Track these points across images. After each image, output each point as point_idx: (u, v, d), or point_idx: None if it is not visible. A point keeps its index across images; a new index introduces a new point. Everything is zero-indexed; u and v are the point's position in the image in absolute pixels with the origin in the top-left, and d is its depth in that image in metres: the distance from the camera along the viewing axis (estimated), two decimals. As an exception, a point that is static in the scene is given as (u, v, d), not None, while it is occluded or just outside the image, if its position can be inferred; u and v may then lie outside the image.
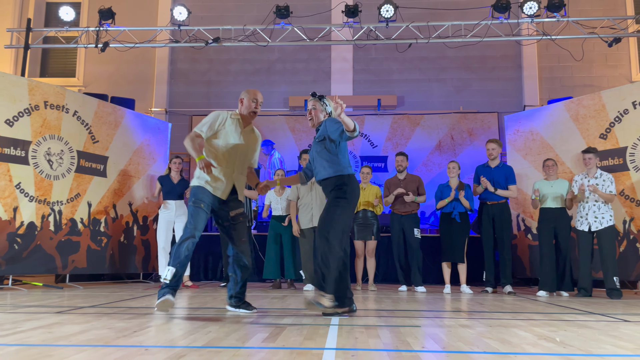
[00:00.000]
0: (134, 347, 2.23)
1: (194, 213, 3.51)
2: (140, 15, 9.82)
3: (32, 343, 2.30)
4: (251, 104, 3.74)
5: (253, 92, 3.79)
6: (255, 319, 3.28)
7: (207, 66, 10.10)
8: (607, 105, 6.27)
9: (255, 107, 3.75)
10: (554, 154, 6.66)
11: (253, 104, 3.74)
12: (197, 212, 3.51)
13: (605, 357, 2.12)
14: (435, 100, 9.68)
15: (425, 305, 4.27)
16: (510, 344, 2.41)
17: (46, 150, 5.98)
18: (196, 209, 3.52)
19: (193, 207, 3.53)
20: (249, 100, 3.74)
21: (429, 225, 8.62)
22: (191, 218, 3.50)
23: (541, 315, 3.61)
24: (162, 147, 7.62)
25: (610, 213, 5.41)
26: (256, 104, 3.76)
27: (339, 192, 3.44)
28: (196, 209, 3.52)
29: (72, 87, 9.59)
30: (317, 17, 8.93)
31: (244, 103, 3.76)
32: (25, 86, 5.86)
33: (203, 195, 3.56)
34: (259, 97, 3.79)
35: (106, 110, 6.77)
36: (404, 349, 2.26)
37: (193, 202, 3.54)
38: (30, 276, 6.18)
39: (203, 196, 3.56)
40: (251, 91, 3.80)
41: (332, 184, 3.48)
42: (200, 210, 3.52)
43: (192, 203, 3.54)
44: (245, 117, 3.76)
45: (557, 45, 8.55)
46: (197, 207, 3.52)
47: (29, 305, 3.95)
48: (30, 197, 5.78)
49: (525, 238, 6.93)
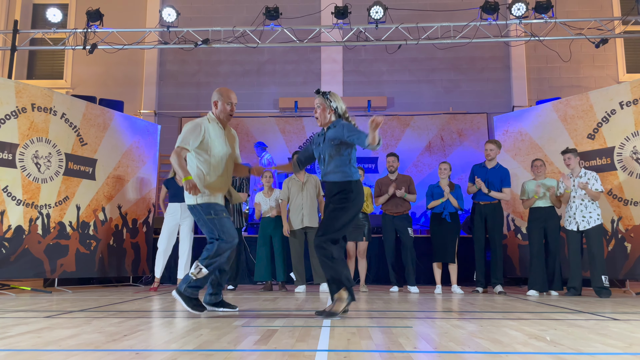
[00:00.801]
0: (124, 352, 2.21)
1: (221, 223, 3.50)
2: (128, 17, 9.76)
3: (21, 348, 2.27)
4: (226, 108, 3.65)
5: (226, 93, 3.66)
6: (246, 321, 3.27)
7: (197, 68, 10.07)
8: (594, 106, 6.34)
9: (230, 111, 3.67)
10: (542, 154, 6.71)
11: (228, 107, 3.65)
12: (222, 222, 3.51)
13: (595, 356, 2.14)
14: (424, 101, 9.73)
15: (416, 306, 4.28)
16: (501, 343, 2.42)
17: (34, 153, 5.92)
18: (220, 219, 3.51)
19: (217, 219, 3.51)
20: (223, 104, 3.64)
21: (420, 225, 8.65)
22: (221, 227, 3.49)
23: (531, 315, 3.63)
24: (152, 150, 7.57)
25: (597, 212, 5.46)
26: (231, 107, 3.67)
27: (344, 198, 3.41)
28: (220, 220, 3.51)
29: (60, 89, 9.51)
30: (307, 18, 8.93)
31: (219, 106, 3.66)
32: (12, 88, 5.80)
33: (216, 206, 3.56)
34: (233, 99, 3.68)
35: (94, 112, 6.72)
36: (396, 350, 2.26)
37: (214, 213, 3.51)
38: (18, 280, 6.11)
39: (217, 206, 3.56)
40: (224, 92, 3.66)
41: (339, 188, 3.45)
42: (225, 219, 3.53)
43: (212, 215, 3.50)
44: (222, 120, 3.68)
45: (545, 47, 8.63)
46: (220, 217, 3.52)
47: (17, 309, 3.90)
48: (17, 201, 5.72)
49: (515, 238, 6.98)
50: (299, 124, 9.60)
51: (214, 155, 3.59)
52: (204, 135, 3.56)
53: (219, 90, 3.70)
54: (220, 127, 3.66)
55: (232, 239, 3.51)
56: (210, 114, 3.70)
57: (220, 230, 3.49)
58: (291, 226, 6.11)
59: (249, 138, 9.41)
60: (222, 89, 3.71)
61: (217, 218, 3.50)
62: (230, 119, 3.68)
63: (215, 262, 3.49)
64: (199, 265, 3.46)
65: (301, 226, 6.04)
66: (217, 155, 3.59)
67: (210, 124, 3.62)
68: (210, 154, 3.58)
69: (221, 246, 3.48)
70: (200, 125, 3.58)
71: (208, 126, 3.61)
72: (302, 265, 6.16)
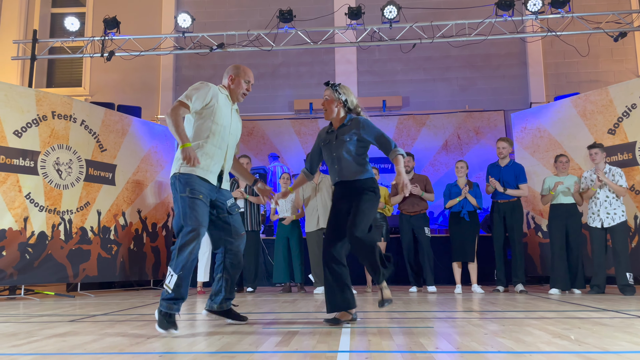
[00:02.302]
0: (148, 354, 2.24)
1: (192, 205, 2.91)
2: (144, 24, 9.88)
3: (47, 352, 2.31)
4: (242, 85, 3.29)
5: (244, 71, 3.31)
6: (267, 323, 3.28)
7: (212, 72, 10.14)
8: (614, 100, 6.23)
9: (246, 89, 3.32)
10: (562, 151, 6.62)
11: (245, 85, 3.30)
12: (195, 204, 2.92)
13: (622, 354, 2.11)
14: (440, 100, 9.66)
15: (437, 306, 4.25)
16: (524, 342, 2.39)
17: (55, 160, 6.02)
18: (193, 200, 2.92)
19: (189, 199, 2.91)
20: (241, 80, 3.28)
21: (438, 225, 8.60)
22: (190, 211, 2.89)
23: (554, 314, 3.59)
24: (170, 154, 7.65)
25: (622, 209, 5.37)
26: (248, 86, 3.32)
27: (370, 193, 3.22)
28: (193, 201, 2.92)
29: (79, 96, 9.66)
30: (321, 20, 8.94)
31: (235, 82, 3.27)
32: (32, 97, 5.91)
33: (199, 185, 2.98)
34: (252, 78, 3.35)
35: (113, 118, 6.82)
36: (417, 350, 2.25)
37: (189, 192, 2.93)
38: (42, 285, 6.22)
39: (199, 186, 2.97)
40: (243, 69, 3.32)
41: (363, 185, 3.22)
42: (200, 202, 2.95)
43: (186, 194, 2.92)
44: (234, 96, 3.29)
45: (562, 42, 8.52)
46: (194, 198, 2.93)
47: (42, 314, 3.97)
48: (40, 207, 5.82)
49: (535, 236, 6.89)
50: (314, 125, 9.61)
51: (217, 122, 3.09)
52: (212, 100, 3.09)
53: (237, 66, 3.34)
54: (230, 101, 3.26)
55: (198, 226, 2.89)
56: (221, 87, 3.27)
57: (186, 214, 2.90)
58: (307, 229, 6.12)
59: (265, 141, 9.45)
60: (239, 65, 3.35)
61: (190, 198, 2.92)
62: (242, 99, 3.32)
63: (182, 261, 2.85)
64: (169, 269, 2.88)
65: (317, 227, 6.04)
66: (220, 123, 3.10)
67: (221, 94, 3.18)
68: (214, 120, 3.08)
69: (184, 238, 2.87)
70: (211, 88, 3.11)
71: (217, 92, 3.15)
72: (321, 266, 6.14)
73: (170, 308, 2.84)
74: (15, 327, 3.17)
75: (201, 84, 3.11)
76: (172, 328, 2.80)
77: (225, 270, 3.24)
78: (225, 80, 3.31)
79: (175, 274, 2.84)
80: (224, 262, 3.25)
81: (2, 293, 5.79)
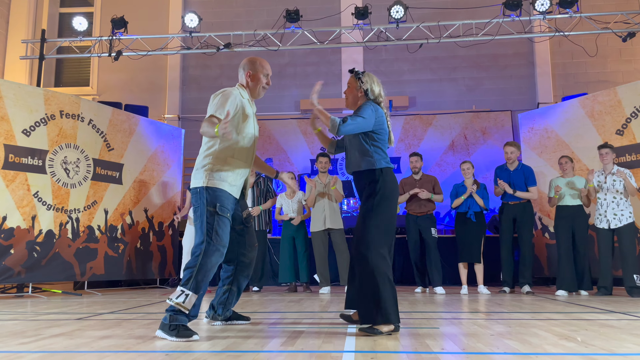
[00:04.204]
0: (155, 352, 2.25)
1: (219, 223, 2.79)
2: (152, 24, 9.92)
3: (55, 350, 2.33)
4: (262, 80, 3.10)
5: (261, 64, 3.10)
6: (272, 322, 3.28)
7: (219, 72, 10.17)
8: (623, 101, 6.19)
9: (267, 83, 3.13)
10: (569, 152, 6.59)
11: (265, 80, 3.11)
12: (222, 222, 2.81)
13: (629, 357, 2.09)
14: (447, 100, 9.63)
15: (442, 307, 4.24)
16: (530, 344, 2.38)
17: (63, 159, 6.06)
18: (221, 218, 2.80)
19: (217, 216, 2.78)
20: (260, 75, 3.09)
21: (444, 225, 8.57)
22: (217, 229, 2.77)
23: (561, 315, 3.57)
24: (176, 154, 7.68)
25: (629, 210, 5.34)
26: (267, 79, 3.13)
27: (369, 191, 2.91)
28: (221, 219, 2.80)
29: (87, 96, 9.71)
30: (327, 20, 8.94)
31: (254, 78, 3.08)
32: (41, 96, 5.95)
33: (227, 201, 2.86)
34: (270, 70, 3.15)
35: (120, 118, 6.85)
36: (423, 351, 2.25)
37: (218, 208, 2.80)
38: (49, 284, 6.26)
39: (227, 202, 2.86)
40: (259, 63, 3.10)
41: (364, 179, 2.96)
42: (226, 220, 2.84)
43: (215, 209, 2.79)
44: (254, 93, 3.12)
45: (570, 42, 8.47)
46: (222, 215, 2.81)
47: (49, 312, 4.00)
48: (48, 206, 5.86)
49: (542, 237, 6.86)
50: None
51: (244, 134, 2.95)
52: (238, 108, 2.93)
53: (252, 60, 3.11)
54: (252, 104, 3.10)
55: (222, 245, 2.80)
56: (239, 87, 3.08)
57: (211, 231, 2.76)
58: (312, 228, 6.12)
59: (271, 141, 9.46)
60: (255, 59, 3.12)
61: (218, 215, 2.79)
62: (262, 94, 3.14)
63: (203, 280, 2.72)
64: (183, 288, 2.69)
65: (323, 228, 6.04)
66: (246, 135, 2.96)
67: (243, 99, 3.00)
68: (240, 132, 2.93)
69: (208, 257, 2.73)
70: (236, 96, 2.94)
71: (240, 99, 2.96)
72: (326, 266, 6.16)
73: (184, 321, 2.67)
74: (22, 325, 3.19)
75: (226, 93, 2.93)
76: (193, 335, 2.61)
77: (235, 282, 3.14)
78: (243, 78, 3.11)
79: (195, 293, 2.69)
80: (234, 274, 3.14)
81: (10, 291, 5.84)
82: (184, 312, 2.66)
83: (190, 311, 2.70)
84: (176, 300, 2.66)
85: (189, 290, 2.68)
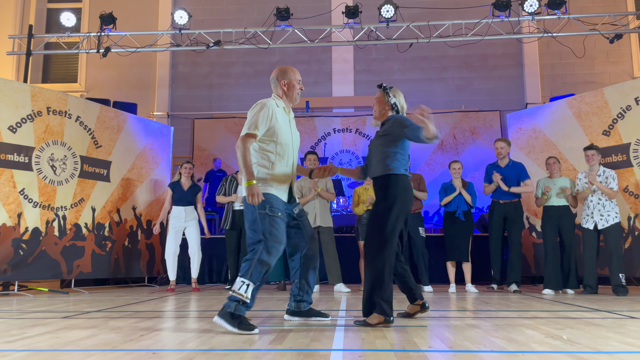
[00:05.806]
0: (142, 351, 2.24)
1: (272, 223, 2.96)
2: (141, 20, 9.84)
3: (40, 348, 2.30)
4: (296, 86, 3.24)
5: (292, 71, 3.25)
6: (261, 321, 3.28)
7: (209, 69, 10.12)
8: (609, 102, 6.26)
9: (300, 88, 3.28)
10: (557, 152, 6.64)
11: (298, 86, 3.25)
12: (275, 222, 2.98)
13: (613, 354, 2.12)
14: (436, 100, 9.68)
15: (431, 305, 4.26)
16: (517, 342, 2.40)
17: (49, 156, 6.00)
18: (273, 218, 2.97)
19: (269, 217, 2.96)
20: (294, 82, 3.23)
21: (433, 224, 8.62)
22: (271, 229, 2.94)
23: (547, 313, 3.60)
24: (165, 151, 7.63)
25: (615, 210, 5.39)
26: (300, 85, 3.28)
27: (382, 196, 3.17)
28: (273, 219, 2.97)
29: (75, 92, 9.63)
30: (318, 18, 8.94)
31: (289, 86, 3.22)
32: (27, 92, 5.88)
33: (276, 202, 3.04)
34: (299, 74, 3.31)
35: (108, 115, 6.79)
36: (411, 349, 2.26)
37: (269, 209, 2.97)
38: (35, 282, 6.19)
39: (277, 203, 3.04)
40: (290, 71, 3.25)
41: (378, 184, 3.22)
42: (279, 220, 3.01)
43: (265, 211, 2.96)
44: (290, 99, 3.26)
45: (559, 43, 8.54)
46: (274, 215, 2.98)
47: (35, 310, 3.96)
48: (34, 203, 5.80)
49: (529, 236, 6.91)
50: (310, 124, 9.61)
51: (281, 143, 3.10)
52: (272, 120, 3.07)
53: (283, 70, 3.25)
54: (286, 113, 3.22)
55: (279, 242, 2.98)
56: (275, 97, 3.23)
57: (266, 231, 2.94)
58: None
59: (261, 139, 9.42)
60: (285, 68, 3.27)
61: (269, 216, 2.96)
62: (299, 99, 3.29)
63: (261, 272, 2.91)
64: (242, 279, 2.87)
65: (313, 225, 6.04)
66: (283, 143, 3.11)
67: (278, 108, 3.15)
68: (277, 141, 3.08)
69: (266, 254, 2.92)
70: (270, 108, 3.09)
71: (275, 109, 3.12)
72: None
73: (244, 312, 2.86)
74: (8, 324, 3.16)
75: (260, 105, 3.08)
76: (254, 329, 2.78)
77: (304, 275, 3.34)
78: (279, 90, 3.24)
79: (254, 283, 2.86)
80: (301, 267, 3.34)
81: (-5, 289, 5.77)
82: (246, 302, 2.82)
83: (251, 301, 2.86)
84: (238, 291, 2.83)
85: (248, 280, 2.85)
